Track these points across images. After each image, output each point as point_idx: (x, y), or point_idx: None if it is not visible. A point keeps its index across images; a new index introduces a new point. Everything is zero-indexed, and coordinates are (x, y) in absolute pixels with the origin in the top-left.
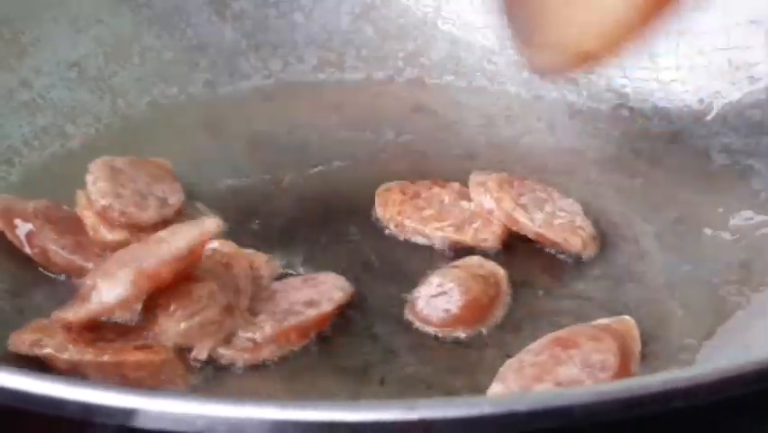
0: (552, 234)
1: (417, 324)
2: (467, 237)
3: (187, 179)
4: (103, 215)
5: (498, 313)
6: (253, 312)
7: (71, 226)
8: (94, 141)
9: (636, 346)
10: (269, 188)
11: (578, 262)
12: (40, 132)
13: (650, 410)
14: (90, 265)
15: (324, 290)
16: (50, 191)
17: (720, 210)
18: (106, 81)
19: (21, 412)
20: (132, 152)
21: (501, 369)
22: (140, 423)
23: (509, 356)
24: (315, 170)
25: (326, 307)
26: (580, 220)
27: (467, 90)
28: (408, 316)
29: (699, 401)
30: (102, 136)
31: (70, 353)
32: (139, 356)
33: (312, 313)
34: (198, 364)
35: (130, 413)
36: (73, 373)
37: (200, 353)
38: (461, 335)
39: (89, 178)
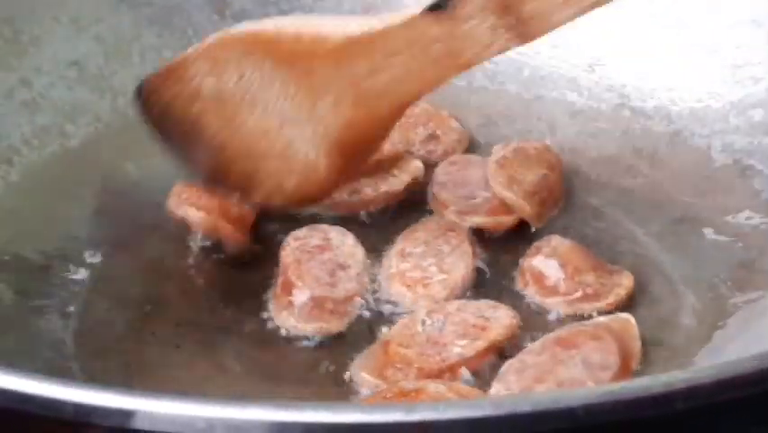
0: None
1: None
2: None
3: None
4: None
5: None
6: None
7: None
8: (94, 140)
9: (636, 345)
10: None
11: None
12: (39, 131)
13: (651, 412)
14: None
15: None
16: (50, 190)
17: (720, 210)
18: (107, 80)
19: (17, 414)
20: (132, 151)
21: (502, 369)
22: (138, 425)
23: (510, 357)
24: None
25: None
26: None
27: (467, 90)
28: None
29: (700, 402)
30: (102, 135)
31: None
32: None
33: None
34: None
35: (128, 414)
36: None
37: None
38: None
39: None
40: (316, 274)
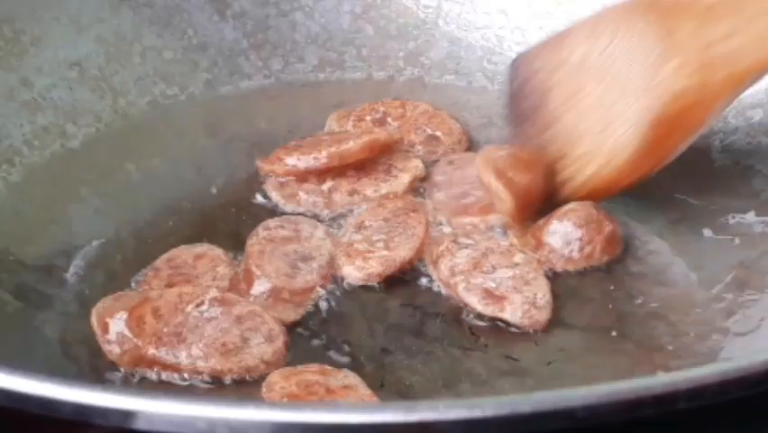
0: None
1: None
2: None
3: (187, 178)
4: None
5: None
6: None
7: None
8: (94, 140)
9: None
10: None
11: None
12: (40, 131)
13: (651, 411)
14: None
15: None
16: (50, 191)
17: (720, 210)
18: (107, 81)
19: (18, 414)
20: (133, 152)
21: None
22: (138, 425)
23: (509, 357)
24: None
25: None
26: None
27: (467, 90)
28: None
29: (699, 402)
30: (102, 136)
31: None
32: None
33: None
34: None
35: (128, 415)
36: None
37: None
38: None
39: None
40: (277, 265)
